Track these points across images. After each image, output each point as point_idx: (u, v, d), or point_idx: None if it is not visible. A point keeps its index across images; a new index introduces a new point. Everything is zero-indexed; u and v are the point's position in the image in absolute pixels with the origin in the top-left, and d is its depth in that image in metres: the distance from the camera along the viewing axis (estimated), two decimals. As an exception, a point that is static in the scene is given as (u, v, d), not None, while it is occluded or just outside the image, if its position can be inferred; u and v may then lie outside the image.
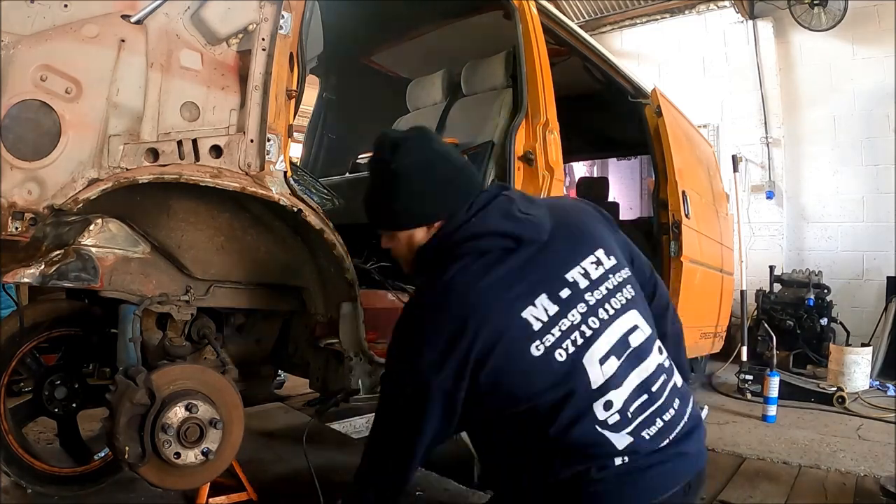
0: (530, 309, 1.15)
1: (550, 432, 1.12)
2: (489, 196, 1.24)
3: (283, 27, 1.55)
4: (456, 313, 1.13)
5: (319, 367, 1.94)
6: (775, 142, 6.02)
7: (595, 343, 1.17)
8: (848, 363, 4.31)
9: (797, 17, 5.61)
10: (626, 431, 1.13)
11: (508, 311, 1.15)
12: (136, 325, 1.53)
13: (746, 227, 5.71)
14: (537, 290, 1.17)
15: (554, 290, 1.18)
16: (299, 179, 1.67)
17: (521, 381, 1.13)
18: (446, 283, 1.17)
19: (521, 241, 1.20)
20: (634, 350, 1.20)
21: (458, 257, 1.19)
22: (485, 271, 1.17)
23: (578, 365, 1.14)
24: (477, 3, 2.85)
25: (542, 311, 1.16)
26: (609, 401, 1.14)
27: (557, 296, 1.17)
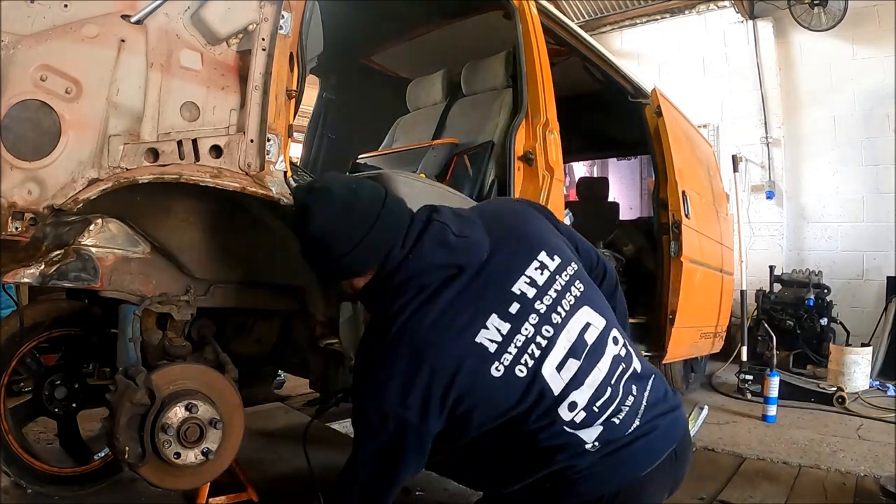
0: (483, 332, 1.16)
1: (522, 440, 1.17)
2: (420, 226, 1.22)
3: (283, 27, 1.55)
4: (410, 351, 1.14)
5: (319, 367, 1.94)
6: (775, 142, 6.02)
7: (552, 351, 1.19)
8: (848, 363, 4.31)
9: (797, 17, 5.61)
10: (596, 424, 1.18)
11: (461, 340, 1.15)
12: (136, 325, 1.53)
13: (746, 227, 5.71)
14: (487, 311, 1.18)
15: (503, 307, 1.19)
16: (299, 179, 1.67)
17: (487, 402, 1.16)
18: (395, 321, 1.17)
19: (462, 267, 1.20)
20: (591, 347, 1.23)
21: (402, 294, 1.18)
22: (431, 303, 1.17)
23: (539, 376, 1.17)
24: (477, 3, 2.85)
25: (495, 331, 1.17)
26: (573, 402, 1.18)
27: (508, 312, 1.19)
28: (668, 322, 3.29)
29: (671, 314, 3.28)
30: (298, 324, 1.97)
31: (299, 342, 1.98)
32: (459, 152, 2.64)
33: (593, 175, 7.66)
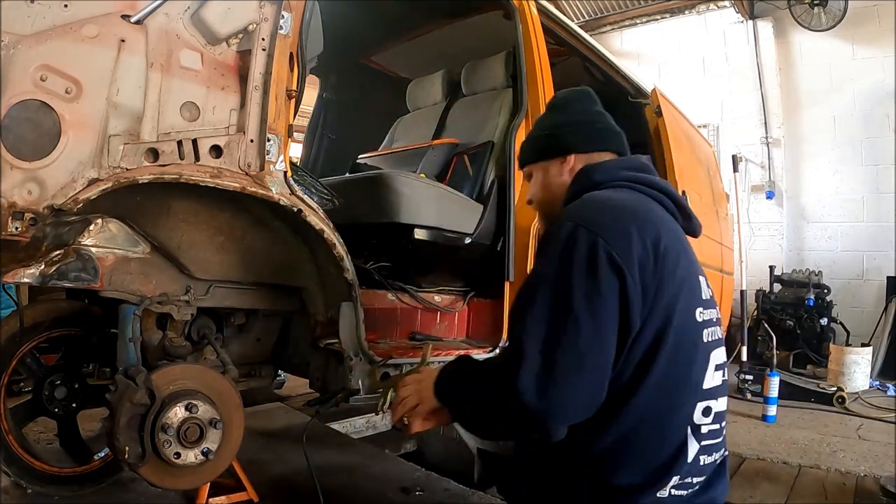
0: (700, 277, 1.14)
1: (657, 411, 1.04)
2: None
3: (283, 27, 1.55)
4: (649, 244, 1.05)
5: (319, 367, 1.94)
6: (775, 142, 6.03)
7: (716, 349, 1.13)
8: (848, 363, 4.31)
9: (797, 17, 5.62)
10: (701, 445, 1.08)
11: (688, 256, 1.13)
12: (136, 325, 1.53)
13: (746, 227, 5.71)
14: (697, 264, 1.15)
15: (701, 279, 1.16)
16: (299, 179, 1.67)
17: (677, 344, 1.05)
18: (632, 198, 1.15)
19: (690, 218, 1.25)
20: (725, 380, 1.16)
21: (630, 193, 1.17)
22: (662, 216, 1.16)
23: (707, 356, 1.10)
24: (477, 3, 2.85)
25: (703, 281, 1.15)
26: (709, 407, 1.09)
27: (705, 282, 1.17)
28: (668, 322, 3.29)
29: (671, 314, 3.28)
30: (298, 324, 1.97)
31: (299, 342, 1.98)
32: (459, 152, 2.64)
33: (593, 175, 7.64)
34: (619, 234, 1.03)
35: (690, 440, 1.06)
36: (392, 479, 2.33)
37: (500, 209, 2.38)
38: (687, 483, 1.07)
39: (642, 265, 1.02)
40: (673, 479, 1.05)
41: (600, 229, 1.02)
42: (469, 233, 2.35)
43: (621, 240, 1.02)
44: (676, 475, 1.05)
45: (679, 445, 1.05)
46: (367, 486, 2.27)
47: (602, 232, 1.02)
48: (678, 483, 1.06)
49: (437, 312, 2.43)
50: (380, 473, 2.40)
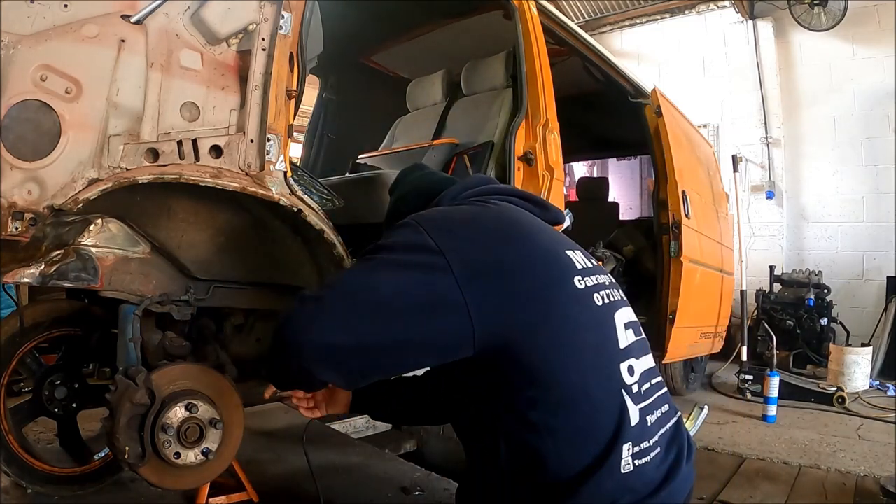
0: (569, 254, 1.10)
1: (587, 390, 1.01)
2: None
3: (283, 27, 1.55)
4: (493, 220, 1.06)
5: (319, 367, 1.93)
6: (775, 142, 6.03)
7: (619, 309, 1.11)
8: (848, 363, 4.31)
9: (797, 17, 5.62)
10: (639, 406, 1.05)
11: (550, 235, 1.11)
12: (136, 325, 1.53)
13: (746, 227, 5.71)
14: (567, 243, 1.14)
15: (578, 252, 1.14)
16: (299, 179, 1.67)
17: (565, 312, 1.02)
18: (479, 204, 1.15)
19: (547, 209, 1.22)
20: (641, 339, 1.15)
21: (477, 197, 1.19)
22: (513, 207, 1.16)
23: (610, 318, 1.08)
24: (477, 3, 2.85)
25: (578, 255, 1.12)
26: (631, 366, 1.07)
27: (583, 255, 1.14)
28: (668, 322, 3.30)
29: (671, 314, 3.28)
30: (298, 324, 1.97)
31: (299, 342, 1.98)
32: (459, 152, 2.64)
33: (593, 175, 7.66)
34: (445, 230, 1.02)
35: (628, 402, 1.03)
36: (392, 479, 2.33)
37: (500, 209, 2.38)
38: (644, 450, 1.04)
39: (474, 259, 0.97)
40: (626, 447, 1.01)
41: (427, 223, 1.02)
42: (469, 233, 2.34)
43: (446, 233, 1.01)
44: (627, 441, 1.01)
45: (619, 410, 1.02)
46: (367, 486, 2.27)
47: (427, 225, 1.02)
48: (635, 452, 1.02)
49: (437, 312, 2.42)
50: (380, 473, 2.40)
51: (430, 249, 0.97)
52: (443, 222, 1.05)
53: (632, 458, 1.01)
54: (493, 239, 1.02)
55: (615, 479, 0.99)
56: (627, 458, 1.01)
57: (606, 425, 1.01)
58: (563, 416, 1.00)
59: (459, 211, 1.12)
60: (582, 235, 1.88)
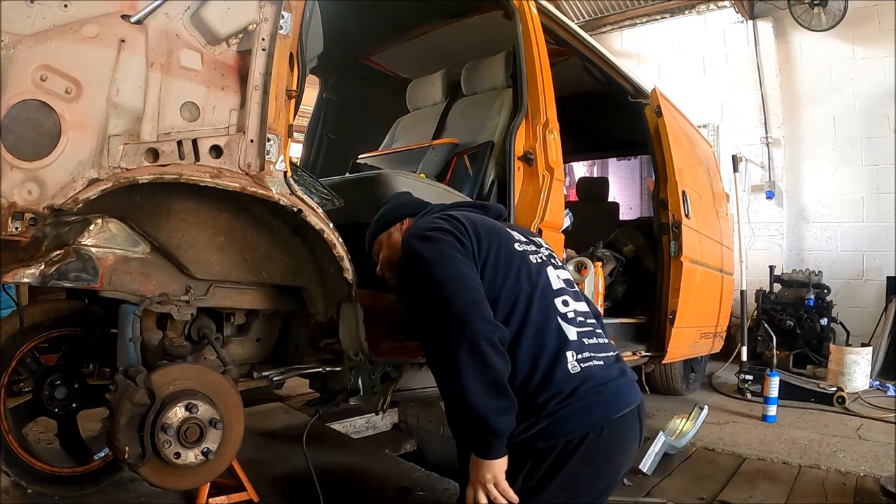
0: (509, 230, 1.58)
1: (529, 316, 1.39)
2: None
3: (283, 27, 1.55)
4: (456, 216, 1.51)
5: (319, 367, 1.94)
6: (775, 142, 6.03)
7: (550, 266, 1.54)
8: (848, 363, 4.31)
9: (797, 17, 5.62)
10: (576, 329, 1.42)
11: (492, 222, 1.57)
12: (136, 325, 1.53)
13: (746, 227, 5.71)
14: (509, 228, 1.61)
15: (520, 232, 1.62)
16: (299, 179, 1.67)
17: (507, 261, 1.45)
18: (441, 215, 1.55)
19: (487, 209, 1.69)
20: (576, 291, 1.56)
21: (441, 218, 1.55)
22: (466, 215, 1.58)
23: (544, 269, 1.50)
24: (477, 3, 2.85)
25: (517, 234, 1.59)
26: (565, 300, 1.48)
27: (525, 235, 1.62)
28: (668, 322, 3.30)
29: (671, 314, 3.28)
30: (298, 324, 1.97)
31: (299, 342, 1.98)
32: (459, 152, 2.64)
33: (593, 175, 7.66)
34: (435, 222, 1.49)
35: (564, 325, 1.42)
36: (392, 479, 2.33)
37: (500, 209, 2.38)
38: (587, 357, 1.39)
39: (459, 231, 1.45)
40: (569, 354, 1.37)
41: (423, 228, 1.49)
42: (469, 233, 2.35)
43: (441, 223, 1.47)
44: (570, 350, 1.38)
45: (557, 329, 1.40)
46: (367, 486, 2.27)
47: (425, 227, 1.49)
48: (580, 358, 1.38)
49: (437, 312, 2.42)
50: (380, 473, 2.40)
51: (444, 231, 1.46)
52: (434, 222, 1.52)
53: (577, 362, 1.37)
54: (471, 229, 1.49)
55: (565, 374, 1.35)
56: (573, 362, 1.37)
57: (549, 340, 1.38)
58: (517, 338, 1.37)
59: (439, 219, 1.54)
60: (582, 235, 1.89)
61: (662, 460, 2.66)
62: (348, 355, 1.81)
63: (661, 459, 2.63)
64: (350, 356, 1.81)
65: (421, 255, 1.40)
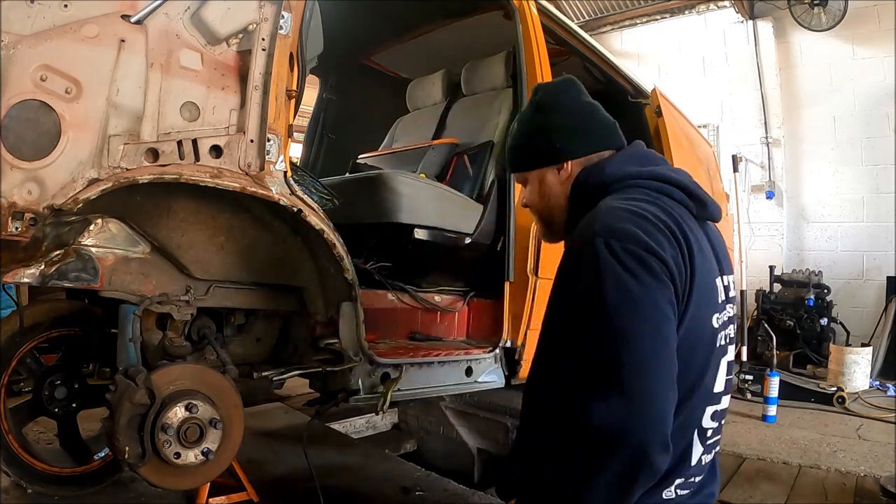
0: (718, 278, 1.06)
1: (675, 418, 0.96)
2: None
3: (283, 27, 1.55)
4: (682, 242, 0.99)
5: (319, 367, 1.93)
6: (775, 142, 6.03)
7: (728, 351, 1.09)
8: (848, 363, 4.31)
9: (797, 17, 5.62)
10: (704, 446, 1.06)
11: (709, 261, 1.05)
12: (136, 325, 1.53)
13: (746, 227, 5.71)
14: (718, 264, 1.08)
15: (725, 272, 1.10)
16: (299, 179, 1.67)
17: (694, 342, 0.99)
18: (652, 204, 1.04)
19: (705, 205, 1.13)
20: (729, 379, 1.11)
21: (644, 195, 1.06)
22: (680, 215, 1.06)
23: (718, 360, 1.05)
24: (477, 3, 2.85)
25: (722, 288, 1.07)
26: (716, 411, 1.06)
27: (726, 281, 1.09)
28: (668, 322, 3.28)
29: (671, 314, 3.27)
30: (298, 324, 1.97)
31: (299, 342, 1.98)
32: (459, 152, 2.64)
33: (593, 175, 7.64)
34: (647, 228, 0.97)
35: (696, 444, 1.04)
36: (392, 479, 2.33)
37: (500, 209, 2.38)
38: (690, 483, 1.06)
39: (678, 267, 0.96)
40: (677, 482, 1.03)
41: (624, 230, 0.96)
42: (469, 233, 2.35)
43: (658, 239, 0.96)
44: (680, 478, 1.03)
45: (684, 449, 1.02)
46: (367, 486, 2.27)
47: (629, 229, 0.96)
48: (681, 483, 1.04)
49: (437, 312, 2.43)
50: (380, 473, 2.40)
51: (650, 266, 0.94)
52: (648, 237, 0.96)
53: (675, 489, 1.03)
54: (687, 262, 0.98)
55: (655, 500, 1.00)
56: (673, 489, 1.03)
57: (670, 463, 0.96)
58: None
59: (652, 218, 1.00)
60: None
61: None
62: (348, 355, 1.81)
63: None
64: (350, 356, 1.81)
65: (612, 285, 0.92)
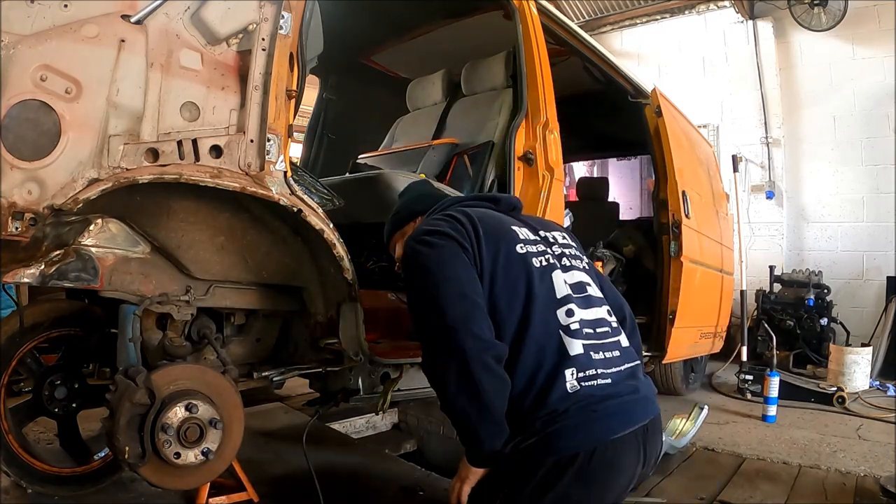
0: (515, 226, 1.46)
1: (528, 331, 1.30)
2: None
3: (283, 27, 1.55)
4: (460, 218, 1.40)
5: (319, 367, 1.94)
6: (775, 142, 6.03)
7: (559, 268, 1.42)
8: (848, 363, 4.31)
9: (797, 17, 5.62)
10: (582, 342, 1.31)
11: (499, 219, 1.47)
12: (136, 325, 1.53)
13: (746, 227, 5.71)
14: (518, 223, 1.49)
15: (530, 227, 1.49)
16: (299, 179, 1.67)
17: (508, 269, 1.35)
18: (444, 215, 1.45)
19: (499, 201, 1.56)
20: (587, 296, 1.42)
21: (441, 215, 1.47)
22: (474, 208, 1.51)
23: (547, 275, 1.38)
24: (477, 3, 2.85)
25: (525, 231, 1.46)
26: (570, 309, 1.35)
27: (534, 230, 1.49)
28: (668, 322, 3.30)
29: (671, 314, 3.28)
30: (298, 324, 1.97)
31: (299, 342, 1.98)
32: (459, 152, 2.64)
33: (593, 175, 7.65)
34: (437, 224, 1.40)
35: (567, 338, 1.31)
36: (392, 479, 2.33)
37: (500, 209, 2.38)
38: (590, 376, 1.29)
39: (461, 235, 1.35)
40: (568, 372, 1.27)
41: (424, 230, 1.40)
42: (469, 233, 2.35)
43: (442, 226, 1.38)
44: (570, 368, 1.28)
45: (558, 344, 1.30)
46: (367, 486, 2.27)
47: (427, 229, 1.40)
48: (581, 377, 1.28)
49: (437, 312, 2.42)
50: (380, 473, 2.40)
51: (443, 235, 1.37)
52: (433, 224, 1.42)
53: (577, 381, 1.28)
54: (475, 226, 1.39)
55: (562, 395, 1.26)
56: (572, 381, 1.27)
57: (548, 357, 1.29)
58: (516, 354, 1.28)
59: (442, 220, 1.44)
60: (582, 235, 1.88)
61: (662, 460, 2.65)
62: (348, 355, 1.81)
63: (661, 459, 2.63)
64: (350, 356, 1.81)
65: (418, 262, 1.35)
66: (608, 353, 1.35)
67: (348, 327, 1.80)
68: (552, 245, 1.47)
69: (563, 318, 1.33)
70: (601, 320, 1.41)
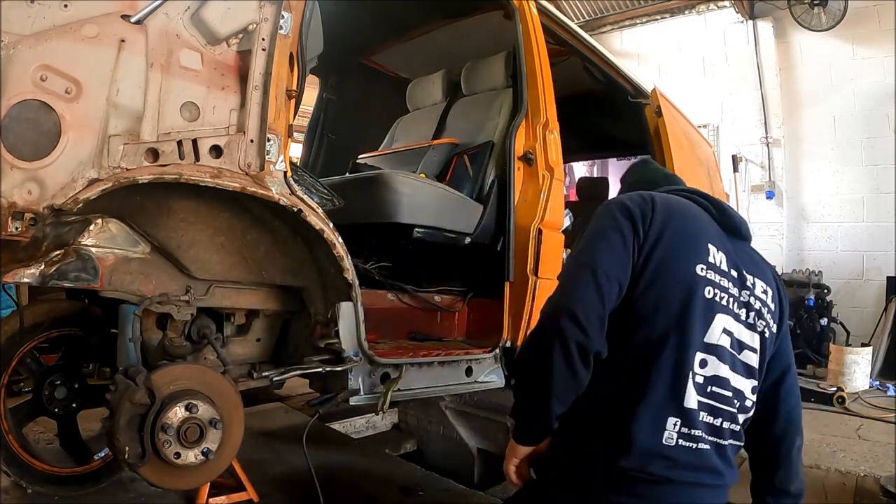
0: (714, 245, 1.23)
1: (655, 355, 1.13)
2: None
3: (283, 27, 1.55)
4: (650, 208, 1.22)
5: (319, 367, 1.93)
6: (775, 142, 6.03)
7: (728, 315, 1.19)
8: (848, 363, 4.31)
9: (797, 17, 5.62)
10: (699, 398, 1.14)
11: (701, 230, 1.25)
12: (136, 325, 1.53)
13: (746, 227, 5.70)
14: (720, 246, 1.25)
15: (731, 259, 1.25)
16: (299, 179, 1.67)
17: (667, 282, 1.16)
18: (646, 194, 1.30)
19: (724, 213, 1.34)
20: (742, 362, 1.22)
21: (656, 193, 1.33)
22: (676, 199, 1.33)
23: (710, 311, 1.17)
24: (477, 3, 2.85)
25: (720, 256, 1.23)
26: (704, 360, 1.16)
27: (735, 265, 1.25)
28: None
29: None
30: (298, 324, 1.97)
31: (299, 342, 1.98)
32: (459, 152, 2.64)
33: (593, 175, 7.64)
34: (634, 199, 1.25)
35: (690, 388, 1.13)
36: (392, 479, 2.33)
37: (500, 209, 2.38)
38: (692, 436, 1.13)
39: (645, 218, 1.19)
40: (671, 420, 1.12)
41: (622, 199, 1.27)
42: (469, 233, 2.35)
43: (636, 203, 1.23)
44: (676, 418, 1.12)
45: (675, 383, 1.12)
46: (367, 486, 2.27)
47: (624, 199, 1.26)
48: (682, 431, 1.12)
49: (437, 312, 2.43)
50: (380, 473, 2.40)
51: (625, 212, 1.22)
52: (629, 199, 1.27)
53: (677, 437, 1.12)
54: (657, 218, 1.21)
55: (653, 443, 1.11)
56: (674, 435, 1.12)
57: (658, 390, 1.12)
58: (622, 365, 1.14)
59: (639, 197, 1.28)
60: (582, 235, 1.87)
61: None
62: (348, 355, 1.81)
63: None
64: (350, 356, 1.81)
65: (596, 218, 1.25)
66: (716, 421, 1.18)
67: (348, 327, 1.80)
68: (744, 289, 1.24)
69: (697, 366, 1.15)
70: (739, 392, 1.21)
